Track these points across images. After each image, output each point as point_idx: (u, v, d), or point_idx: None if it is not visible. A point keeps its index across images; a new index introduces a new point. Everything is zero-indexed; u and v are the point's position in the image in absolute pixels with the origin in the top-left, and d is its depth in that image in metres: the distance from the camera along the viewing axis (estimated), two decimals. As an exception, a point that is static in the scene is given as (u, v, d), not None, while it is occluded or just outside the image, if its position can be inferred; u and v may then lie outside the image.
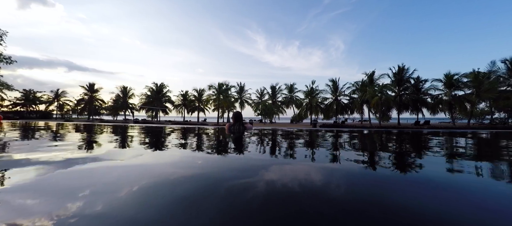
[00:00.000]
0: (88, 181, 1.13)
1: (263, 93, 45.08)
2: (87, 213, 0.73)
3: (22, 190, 0.99)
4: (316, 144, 2.82)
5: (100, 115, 54.34)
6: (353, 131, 5.28)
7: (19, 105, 51.71)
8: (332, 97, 37.29)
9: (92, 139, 3.21)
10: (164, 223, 0.69)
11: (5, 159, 1.75)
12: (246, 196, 0.92)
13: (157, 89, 48.72)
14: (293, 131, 5.18)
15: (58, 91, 55.22)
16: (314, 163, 1.63)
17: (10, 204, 0.83)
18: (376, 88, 28.25)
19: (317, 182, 1.19)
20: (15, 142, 2.71)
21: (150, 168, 1.47)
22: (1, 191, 0.97)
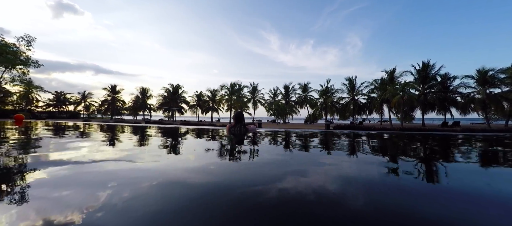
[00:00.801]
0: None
1: (276, 93, 44.43)
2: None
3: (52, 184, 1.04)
4: (327, 149, 2.33)
5: (121, 115, 57.29)
6: (371, 133, 4.61)
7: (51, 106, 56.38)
8: (348, 97, 35.62)
9: (87, 141, 3.01)
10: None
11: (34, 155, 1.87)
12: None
13: (173, 90, 50.23)
14: (303, 132, 4.67)
15: (85, 93, 59.28)
16: (323, 178, 1.18)
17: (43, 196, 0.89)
18: (398, 87, 26.36)
19: (330, 200, 0.88)
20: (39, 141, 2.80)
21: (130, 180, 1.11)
22: (34, 185, 1.03)
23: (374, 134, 4.51)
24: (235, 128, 4.29)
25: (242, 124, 4.34)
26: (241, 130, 4.26)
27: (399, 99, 25.00)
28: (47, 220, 0.67)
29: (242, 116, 4.50)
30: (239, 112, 4.54)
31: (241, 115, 4.47)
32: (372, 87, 32.96)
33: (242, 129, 4.28)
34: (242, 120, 4.40)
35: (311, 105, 40.11)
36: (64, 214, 0.70)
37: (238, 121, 4.36)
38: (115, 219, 0.68)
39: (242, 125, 4.31)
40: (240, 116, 4.43)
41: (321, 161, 1.69)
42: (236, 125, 4.31)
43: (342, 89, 35.54)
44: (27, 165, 1.47)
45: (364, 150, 2.26)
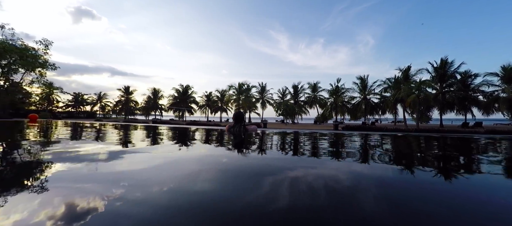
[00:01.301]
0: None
1: (285, 93, 43.93)
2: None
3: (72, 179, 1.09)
4: (328, 153, 2.05)
5: (134, 115, 59.17)
6: (384, 134, 4.19)
7: (70, 106, 59.36)
8: (360, 96, 34.45)
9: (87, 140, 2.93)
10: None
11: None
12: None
13: (183, 91, 51.09)
14: (308, 133, 4.37)
15: (101, 94, 61.86)
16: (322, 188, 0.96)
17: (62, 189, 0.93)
18: (413, 85, 25.08)
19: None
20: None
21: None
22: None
23: (386, 135, 4.13)
24: (234, 128, 4.13)
25: (241, 124, 4.17)
26: (240, 130, 4.08)
27: (414, 99, 23.76)
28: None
29: (242, 115, 4.33)
30: (239, 112, 4.37)
31: (240, 114, 4.30)
32: (385, 86, 31.66)
33: (242, 129, 4.10)
34: (241, 120, 4.24)
35: (321, 105, 39.26)
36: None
37: (238, 121, 4.20)
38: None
39: (241, 125, 4.14)
40: (239, 116, 4.26)
41: (314, 168, 1.41)
42: (236, 125, 4.15)
43: (353, 89, 34.46)
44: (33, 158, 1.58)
45: (370, 155, 1.94)
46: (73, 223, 0.59)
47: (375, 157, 1.83)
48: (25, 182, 1.03)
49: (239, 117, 4.23)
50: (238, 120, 4.19)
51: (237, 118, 4.22)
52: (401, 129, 8.55)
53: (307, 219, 0.65)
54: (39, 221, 0.59)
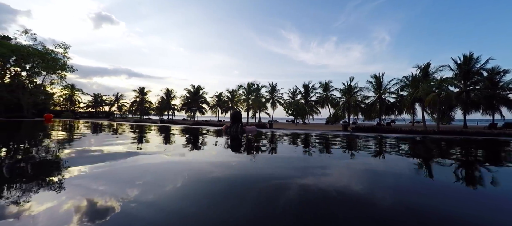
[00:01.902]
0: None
1: (295, 92, 43.20)
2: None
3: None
4: (323, 161, 1.68)
5: (149, 115, 61.21)
6: (400, 137, 3.75)
7: (90, 106, 62.77)
8: (374, 96, 32.93)
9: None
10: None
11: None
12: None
13: (194, 91, 51.97)
14: (312, 134, 4.04)
15: (118, 95, 64.87)
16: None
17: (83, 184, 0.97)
18: (433, 83, 23.45)
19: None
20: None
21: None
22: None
23: (400, 138, 3.67)
24: (230, 129, 3.92)
25: (239, 124, 3.96)
26: (237, 131, 3.87)
27: (434, 98, 22.19)
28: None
29: (239, 115, 4.11)
30: (236, 111, 4.16)
31: (237, 114, 4.09)
32: (402, 85, 29.95)
33: (239, 130, 3.89)
34: (239, 120, 4.02)
35: (332, 105, 38.09)
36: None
37: (235, 121, 3.99)
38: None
39: (238, 126, 3.93)
40: (236, 116, 4.06)
41: (301, 180, 1.11)
42: (232, 125, 3.95)
43: (367, 88, 32.98)
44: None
45: (376, 165, 1.58)
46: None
47: (379, 174, 1.31)
48: (38, 175, 1.14)
49: (236, 117, 4.03)
50: (235, 119, 4.00)
51: (234, 117, 4.03)
52: (418, 131, 7.81)
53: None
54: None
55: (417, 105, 28.31)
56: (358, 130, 7.95)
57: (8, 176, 1.10)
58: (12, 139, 3.09)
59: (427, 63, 26.56)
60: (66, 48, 22.05)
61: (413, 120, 31.08)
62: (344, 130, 8.62)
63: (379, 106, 32.02)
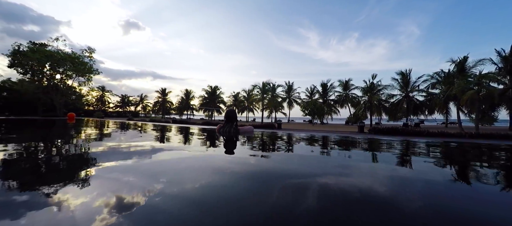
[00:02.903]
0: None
1: (313, 92, 41.65)
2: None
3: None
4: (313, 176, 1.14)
5: (170, 114, 64.05)
6: (427, 142, 2.93)
7: (118, 106, 67.63)
8: (400, 94, 30.25)
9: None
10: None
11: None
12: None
13: (211, 91, 53.05)
14: (318, 136, 3.47)
15: (142, 96, 69.03)
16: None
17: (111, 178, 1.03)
18: (471, 79, 20.73)
19: None
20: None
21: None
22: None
23: (428, 143, 2.88)
24: (224, 128, 3.57)
25: (233, 124, 3.60)
26: (230, 131, 3.51)
27: (472, 95, 19.53)
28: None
29: (233, 114, 3.75)
30: (231, 110, 3.81)
31: (231, 113, 3.75)
32: (433, 82, 27.08)
33: (232, 130, 3.52)
34: (233, 119, 3.67)
35: (353, 105, 35.95)
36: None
37: (229, 120, 3.64)
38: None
39: (233, 125, 3.57)
40: (230, 115, 3.72)
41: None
42: (226, 124, 3.59)
43: (392, 86, 30.37)
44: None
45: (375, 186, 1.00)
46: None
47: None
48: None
49: (230, 116, 3.69)
50: (229, 119, 3.65)
51: (228, 116, 3.69)
52: (451, 133, 6.53)
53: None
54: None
55: (452, 104, 25.39)
56: (375, 132, 6.99)
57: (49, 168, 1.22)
58: (51, 136, 3.45)
59: (464, 57, 23.61)
60: (92, 52, 23.87)
61: (447, 120, 27.92)
62: (359, 131, 7.69)
63: (405, 106, 29.34)
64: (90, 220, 0.55)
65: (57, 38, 23.08)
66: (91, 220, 0.55)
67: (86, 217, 0.58)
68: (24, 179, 0.96)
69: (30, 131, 4.07)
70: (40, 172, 1.15)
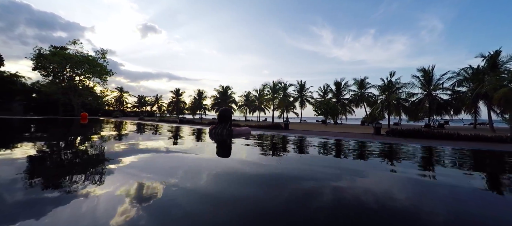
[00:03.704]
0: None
1: (326, 91, 40.23)
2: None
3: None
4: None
5: (183, 114, 65.49)
6: (461, 150, 2.26)
7: (135, 107, 70.36)
8: (422, 92, 28.14)
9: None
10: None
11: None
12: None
13: (223, 91, 53.35)
14: (325, 140, 2.91)
15: (157, 96, 71.36)
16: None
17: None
18: (505, 76, 18.66)
19: None
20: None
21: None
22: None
23: (464, 152, 2.25)
24: (216, 130, 3.13)
25: (226, 125, 3.14)
26: (222, 133, 3.06)
27: (506, 93, 17.53)
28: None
29: (228, 113, 3.28)
30: (224, 109, 3.34)
31: (225, 112, 3.29)
32: (460, 79, 24.88)
33: (225, 131, 3.06)
34: (227, 120, 3.21)
35: (369, 104, 34.17)
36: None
37: (222, 120, 3.18)
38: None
39: (225, 126, 3.11)
40: (224, 114, 3.25)
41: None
42: (219, 125, 3.15)
43: (413, 84, 28.34)
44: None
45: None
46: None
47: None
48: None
49: (223, 115, 3.22)
50: (222, 119, 3.18)
51: (221, 116, 3.22)
52: (487, 137, 5.46)
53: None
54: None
55: (481, 103, 23.11)
56: (394, 134, 6.14)
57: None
58: (71, 133, 3.69)
59: (496, 51, 21.40)
60: (104, 53, 24.83)
61: (476, 121, 25.48)
62: (375, 133, 6.82)
63: (428, 105, 27.24)
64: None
65: (74, 42, 24.24)
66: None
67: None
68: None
69: (51, 130, 4.38)
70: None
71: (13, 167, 1.13)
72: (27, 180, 0.90)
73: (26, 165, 1.22)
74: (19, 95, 28.65)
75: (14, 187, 0.80)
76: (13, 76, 28.56)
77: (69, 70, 25.07)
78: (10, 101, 26.96)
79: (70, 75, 25.67)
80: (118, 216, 0.59)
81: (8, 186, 0.82)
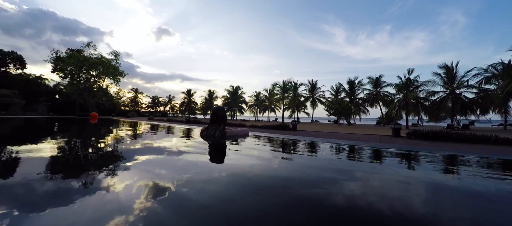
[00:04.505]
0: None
1: (339, 90, 38.83)
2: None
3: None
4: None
5: (195, 114, 66.53)
6: (484, 157, 1.84)
7: (150, 107, 72.61)
8: (444, 91, 26.23)
9: None
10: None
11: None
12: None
13: (233, 91, 53.42)
14: (336, 145, 2.41)
15: (170, 97, 73.22)
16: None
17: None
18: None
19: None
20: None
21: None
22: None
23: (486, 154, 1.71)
24: (208, 131, 2.74)
25: (220, 125, 2.74)
26: (214, 134, 2.67)
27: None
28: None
29: (221, 113, 2.89)
30: (218, 108, 2.94)
31: (218, 111, 2.90)
32: (488, 76, 22.85)
33: (217, 133, 2.67)
34: (220, 120, 2.81)
35: (385, 103, 32.46)
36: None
37: (215, 120, 2.80)
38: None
39: (218, 127, 2.72)
40: (217, 113, 2.86)
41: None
42: (212, 126, 2.74)
43: (434, 81, 26.47)
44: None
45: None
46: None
47: None
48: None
49: (216, 114, 2.83)
50: (215, 118, 2.79)
51: (214, 115, 2.83)
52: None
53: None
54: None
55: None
56: (417, 137, 5.36)
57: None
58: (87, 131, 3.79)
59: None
60: (117, 55, 25.63)
61: (505, 121, 23.27)
62: (394, 135, 6.04)
63: (450, 104, 25.32)
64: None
65: (88, 44, 25.24)
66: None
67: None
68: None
69: (67, 129, 4.48)
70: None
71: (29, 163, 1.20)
72: (48, 171, 1.00)
73: (42, 159, 1.29)
74: (43, 96, 30.69)
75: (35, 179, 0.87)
76: (38, 78, 30.72)
77: (84, 72, 26.09)
78: (35, 102, 29.09)
79: (86, 77, 26.71)
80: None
81: (35, 179, 0.88)
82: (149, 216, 0.54)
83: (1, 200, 0.65)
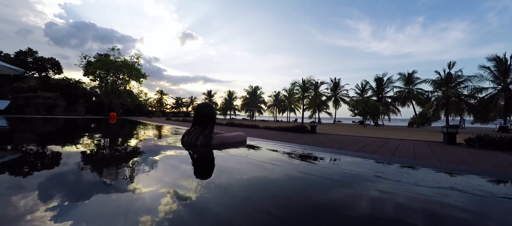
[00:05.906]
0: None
1: (364, 88, 35.91)
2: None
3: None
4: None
5: (216, 114, 68.00)
6: None
7: (174, 108, 76.05)
8: (495, 87, 22.45)
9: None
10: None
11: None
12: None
13: (252, 91, 53.00)
14: (366, 161, 1.43)
15: (192, 98, 75.83)
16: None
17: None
18: None
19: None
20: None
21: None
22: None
23: None
24: (189, 136, 1.78)
25: (204, 128, 1.77)
26: (197, 140, 1.72)
27: None
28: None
29: (207, 111, 1.86)
30: (203, 104, 1.92)
31: (202, 109, 1.87)
32: (555, 67, 18.89)
33: (201, 138, 1.72)
34: (206, 120, 1.82)
35: (419, 102, 29.07)
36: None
37: (199, 121, 1.81)
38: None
39: (204, 131, 1.75)
40: (201, 112, 1.85)
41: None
42: (194, 128, 1.81)
43: (481, 76, 22.82)
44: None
45: None
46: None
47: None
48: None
49: (200, 114, 1.82)
50: (199, 118, 1.81)
51: (197, 115, 1.83)
52: None
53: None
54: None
55: None
56: (483, 145, 3.86)
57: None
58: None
59: None
60: (138, 57, 26.95)
61: None
62: (448, 142, 4.49)
63: (503, 103, 21.53)
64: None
65: (113, 48, 26.84)
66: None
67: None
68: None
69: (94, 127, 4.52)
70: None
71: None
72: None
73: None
74: (81, 98, 34.38)
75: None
76: (77, 83, 34.61)
77: (111, 75, 27.76)
78: (75, 103, 32.88)
79: (113, 79, 28.41)
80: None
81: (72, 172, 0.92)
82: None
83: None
